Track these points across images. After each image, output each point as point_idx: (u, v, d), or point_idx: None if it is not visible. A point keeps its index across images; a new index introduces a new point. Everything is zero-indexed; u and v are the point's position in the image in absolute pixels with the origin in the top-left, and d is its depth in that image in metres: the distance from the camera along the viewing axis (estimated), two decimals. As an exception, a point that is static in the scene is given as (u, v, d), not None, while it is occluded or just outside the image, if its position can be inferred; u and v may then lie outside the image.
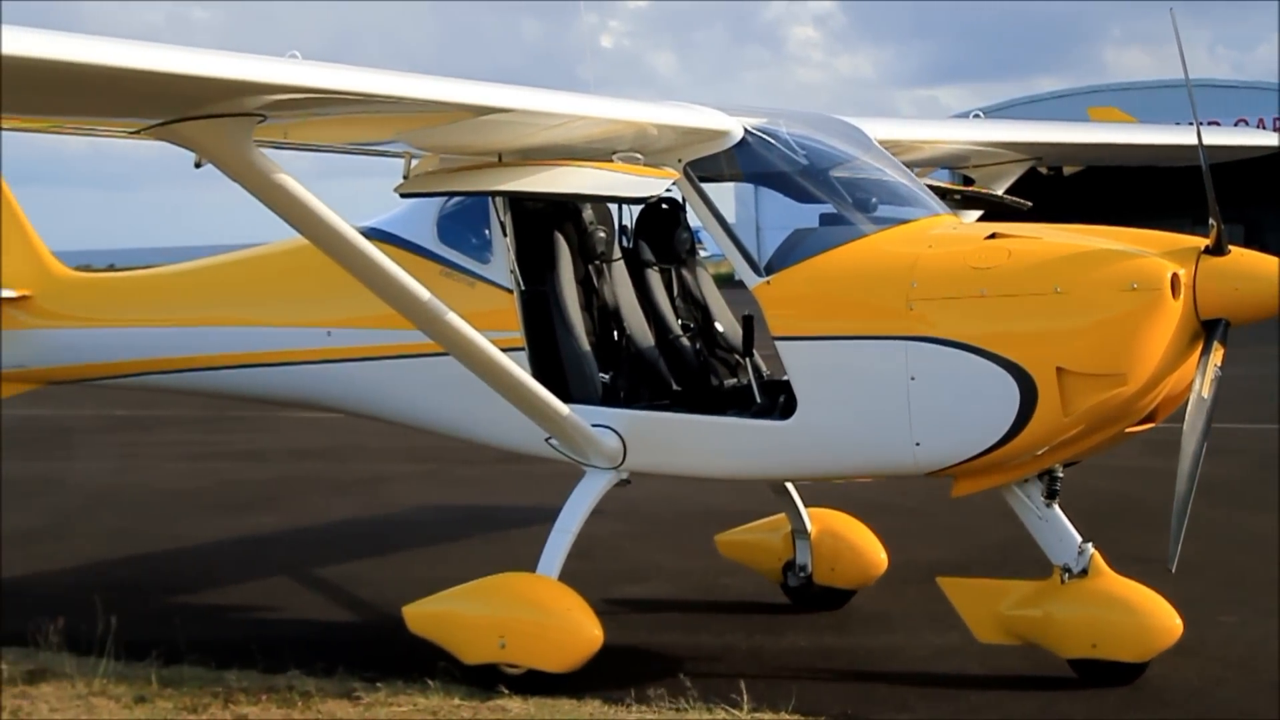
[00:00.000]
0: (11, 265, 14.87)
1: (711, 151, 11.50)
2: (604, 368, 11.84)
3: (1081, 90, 61.04)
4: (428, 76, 9.70)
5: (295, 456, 24.20)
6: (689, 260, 12.83)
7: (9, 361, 14.82)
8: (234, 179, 9.58)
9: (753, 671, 11.25)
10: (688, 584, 14.35)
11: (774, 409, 11.27)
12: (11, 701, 10.96)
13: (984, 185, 14.84)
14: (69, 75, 7.91)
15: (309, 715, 10.51)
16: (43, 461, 24.68)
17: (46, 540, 17.65)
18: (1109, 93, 58.32)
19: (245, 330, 13.38)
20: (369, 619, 13.63)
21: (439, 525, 18.02)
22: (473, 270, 12.10)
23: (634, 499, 13.73)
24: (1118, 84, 66.98)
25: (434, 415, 12.66)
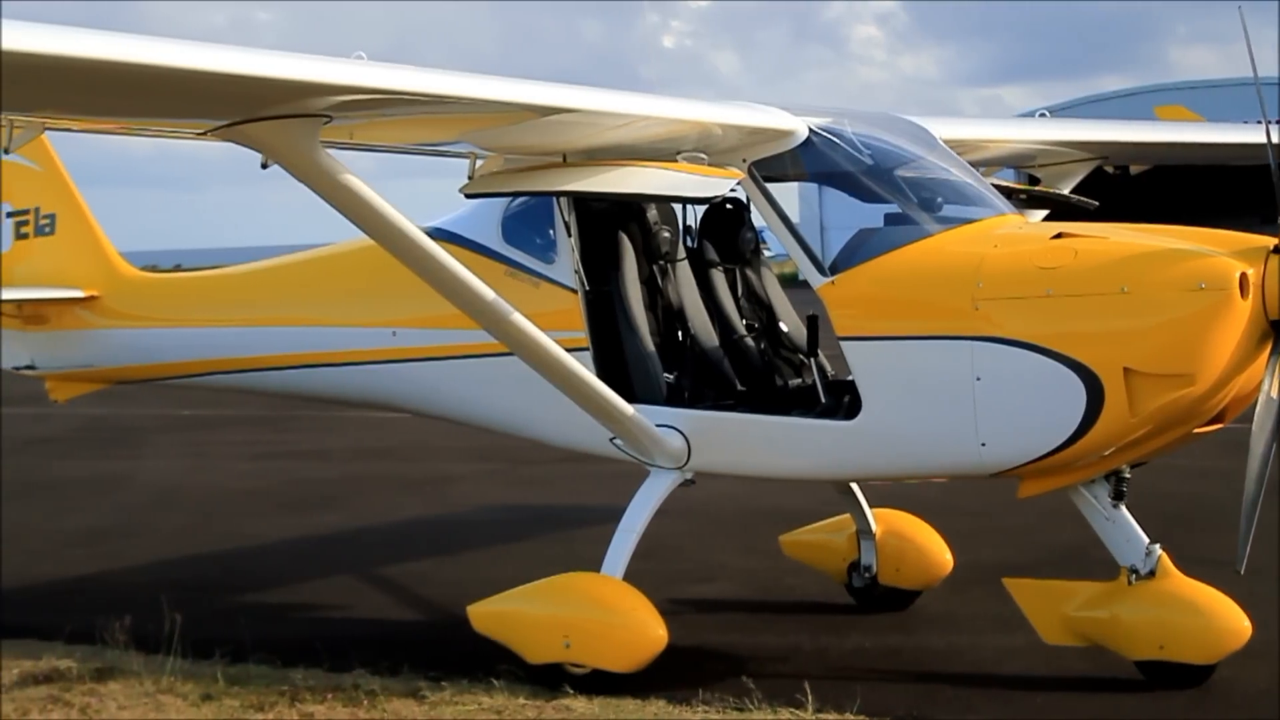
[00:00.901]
0: (80, 266, 15.00)
1: (776, 151, 11.48)
2: (668, 368, 11.84)
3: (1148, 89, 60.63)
4: (493, 77, 9.72)
5: (360, 456, 24.29)
6: (753, 260, 12.81)
7: (77, 361, 14.95)
8: (300, 180, 9.62)
9: (817, 672, 11.22)
10: (752, 584, 14.33)
11: (839, 409, 11.25)
12: (80, 698, 11.04)
13: (1050, 184, 14.75)
14: (138, 77, 7.96)
15: (374, 714, 10.54)
16: (110, 461, 24.85)
17: (114, 539, 17.77)
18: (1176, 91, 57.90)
19: (311, 330, 13.44)
20: (434, 618, 13.66)
21: (504, 525, 18.04)
22: (537, 270, 12.11)
23: (698, 499, 13.71)
24: (1184, 82, 66.55)
25: (499, 415, 12.68)
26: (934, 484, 13.65)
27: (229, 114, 9.14)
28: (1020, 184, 14.26)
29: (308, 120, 9.24)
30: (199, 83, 8.25)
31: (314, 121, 9.28)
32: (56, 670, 11.68)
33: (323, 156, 9.52)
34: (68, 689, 11.24)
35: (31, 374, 15.32)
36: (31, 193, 15.49)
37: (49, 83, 8.07)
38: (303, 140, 9.33)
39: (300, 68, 8.59)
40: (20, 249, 15.52)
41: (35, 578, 15.70)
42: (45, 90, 8.42)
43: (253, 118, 9.11)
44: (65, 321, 14.95)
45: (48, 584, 15.43)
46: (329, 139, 9.79)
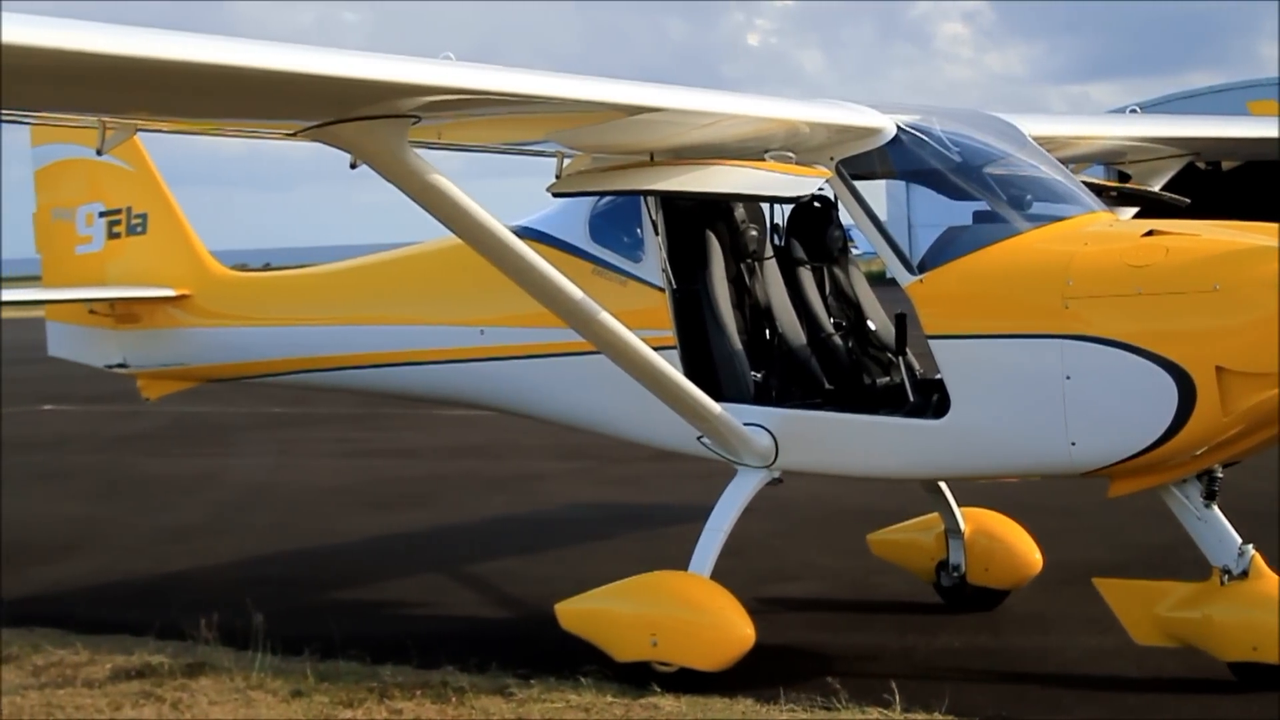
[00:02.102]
0: (172, 265, 15.13)
1: (864, 149, 11.44)
2: (756, 366, 11.82)
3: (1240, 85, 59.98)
4: (580, 77, 9.75)
5: (448, 454, 24.38)
6: (841, 258, 12.77)
7: (169, 360, 15.08)
8: (389, 179, 9.66)
9: (905, 672, 11.18)
10: (840, 583, 14.29)
11: (927, 408, 11.20)
12: (172, 694, 11.13)
13: (1140, 181, 14.63)
14: (231, 79, 8.02)
15: (463, 711, 10.57)
16: (199, 458, 25.07)
17: (204, 536, 17.92)
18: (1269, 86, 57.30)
19: (399, 329, 13.50)
20: (521, 616, 13.69)
21: (591, 523, 18.07)
22: (625, 269, 12.12)
23: (786, 498, 13.67)
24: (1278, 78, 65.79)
25: (586, 413, 12.69)
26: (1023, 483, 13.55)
27: (319, 115, 9.19)
28: (1110, 181, 14.15)
29: (396, 120, 9.27)
30: (290, 84, 8.31)
31: (402, 122, 9.31)
32: (148, 666, 11.79)
33: (411, 156, 9.56)
34: (159, 684, 11.35)
35: (123, 372, 15.47)
36: (124, 192, 15.64)
37: (144, 85, 8.14)
38: (391, 140, 9.37)
39: (390, 69, 8.64)
40: (113, 248, 15.67)
41: (127, 574, 15.87)
42: (140, 92, 8.50)
43: (342, 118, 9.16)
44: (157, 320, 15.08)
45: (139, 580, 15.58)
46: (417, 139, 9.83)
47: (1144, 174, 14.81)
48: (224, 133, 10.76)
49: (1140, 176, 14.80)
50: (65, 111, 10.16)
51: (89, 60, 7.26)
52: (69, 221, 15.93)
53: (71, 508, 20.33)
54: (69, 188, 15.91)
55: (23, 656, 12.18)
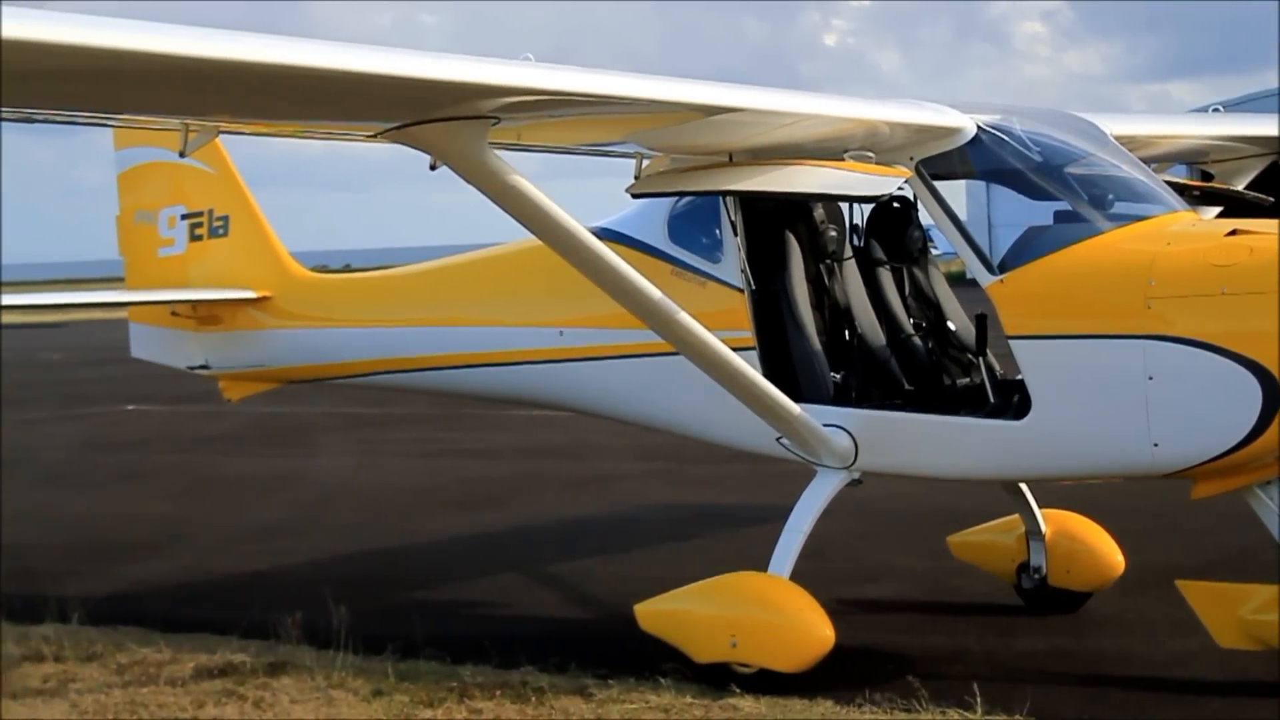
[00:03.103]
0: (253, 266, 15.23)
1: (944, 149, 11.39)
2: (835, 367, 11.79)
3: (1326, 83, 59.44)
4: (659, 77, 9.74)
5: (527, 454, 24.43)
6: (921, 259, 12.73)
7: (250, 361, 15.18)
8: (469, 181, 9.68)
9: (986, 674, 11.12)
10: (920, 584, 14.24)
11: (1008, 409, 11.15)
12: (254, 692, 11.20)
13: (1223, 181, 14.52)
14: (314, 81, 8.06)
15: (542, 711, 10.59)
16: (281, 458, 25.23)
17: (286, 535, 18.03)
18: (1354, 85, 56.74)
19: (479, 330, 13.54)
20: (601, 616, 13.71)
21: (670, 524, 18.07)
22: (704, 270, 12.11)
23: (865, 499, 13.64)
24: (1363, 76, 65.01)
25: (665, 414, 12.69)
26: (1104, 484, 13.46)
27: (400, 116, 9.22)
28: (1193, 180, 14.04)
29: (476, 122, 9.30)
30: (372, 86, 8.35)
31: (482, 123, 9.34)
32: (231, 664, 11.87)
33: (491, 157, 9.58)
34: (241, 683, 11.42)
35: (205, 373, 15.59)
36: (205, 195, 15.76)
37: (228, 87, 8.20)
38: (471, 142, 9.40)
39: (471, 70, 8.66)
40: (195, 250, 15.79)
41: (210, 573, 15.99)
42: (223, 95, 8.56)
43: (423, 120, 9.18)
44: (238, 322, 15.19)
45: (222, 579, 15.70)
46: (496, 140, 9.86)
47: (1227, 173, 14.70)
48: (306, 135, 10.82)
49: (1223, 176, 14.70)
50: (148, 114, 10.24)
51: (173, 63, 7.32)
52: (151, 224, 16.07)
53: (155, 507, 20.50)
54: (152, 190, 16.04)
55: (106, 655, 12.28)
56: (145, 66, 7.34)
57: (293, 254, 15.56)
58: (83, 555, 16.99)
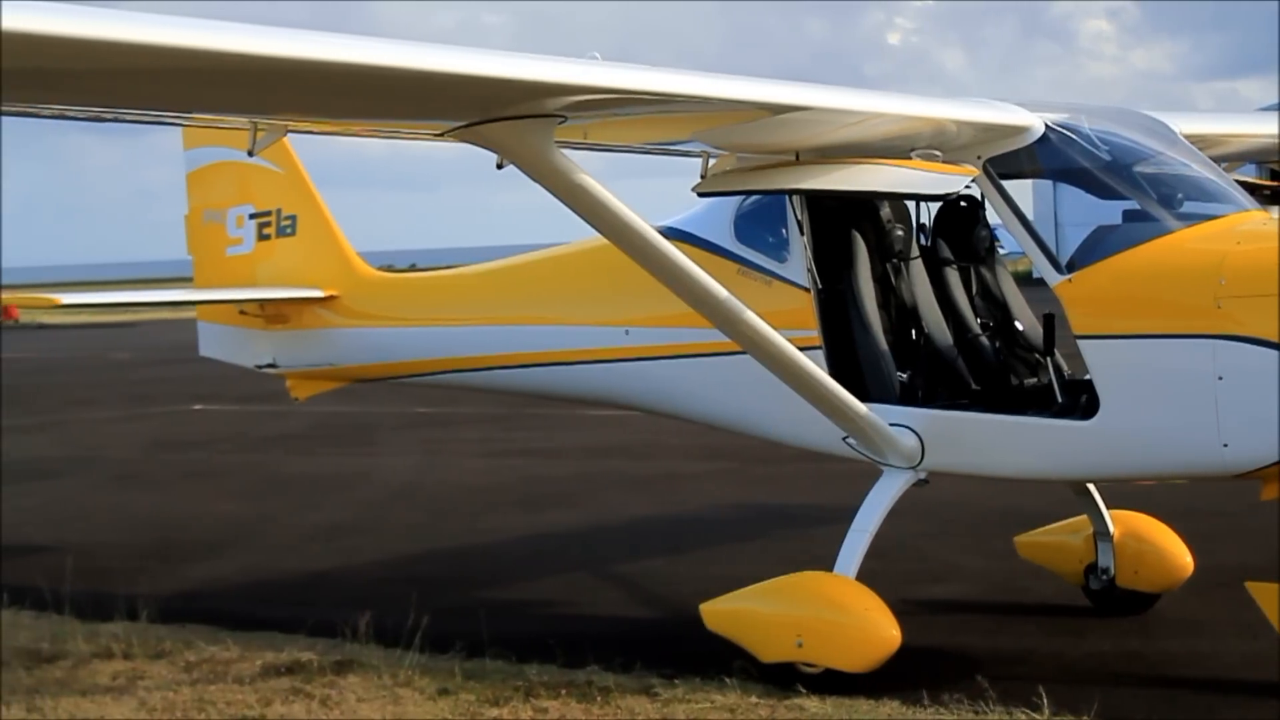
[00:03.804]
0: (320, 266, 15.30)
1: (1012, 148, 11.34)
2: (902, 366, 11.76)
3: (1396, 80, 58.85)
4: (727, 76, 9.73)
5: (593, 454, 24.45)
6: (988, 258, 12.67)
7: (317, 360, 15.25)
8: (535, 179, 9.70)
9: (1053, 675, 11.07)
10: (986, 585, 14.18)
11: (1076, 409, 11.09)
12: (321, 690, 11.25)
13: (1294, 179, 14.42)
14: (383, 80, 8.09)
15: (608, 711, 10.60)
16: (348, 458, 25.32)
17: (353, 534, 18.09)
18: None
19: (544, 329, 13.56)
20: (666, 616, 13.70)
21: (736, 523, 18.05)
22: (770, 269, 12.10)
23: (932, 499, 13.58)
24: None
25: (731, 413, 12.68)
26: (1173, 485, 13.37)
27: (467, 115, 9.24)
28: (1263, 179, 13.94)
29: (543, 120, 9.31)
30: (440, 85, 8.37)
31: (549, 122, 9.35)
32: (298, 662, 11.93)
33: (557, 156, 9.59)
34: (308, 681, 11.47)
35: (273, 372, 15.67)
36: (274, 194, 15.84)
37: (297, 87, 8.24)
38: (538, 140, 9.41)
39: (538, 69, 8.67)
40: (263, 249, 15.87)
41: (277, 572, 16.06)
42: (292, 94, 8.60)
43: (489, 118, 9.19)
44: (305, 321, 15.26)
45: (289, 578, 15.77)
46: (563, 139, 9.87)
47: (1298, 171, 14.59)
48: (373, 134, 10.87)
49: (1294, 174, 14.59)
50: (217, 113, 10.30)
51: (243, 62, 7.36)
52: (220, 223, 16.17)
53: (222, 506, 20.62)
54: (220, 190, 16.14)
55: (175, 652, 12.36)
56: (215, 66, 7.38)
57: (359, 253, 15.62)
58: (151, 554, 17.09)
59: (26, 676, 11.91)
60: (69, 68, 7.21)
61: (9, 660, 12.32)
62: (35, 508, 20.77)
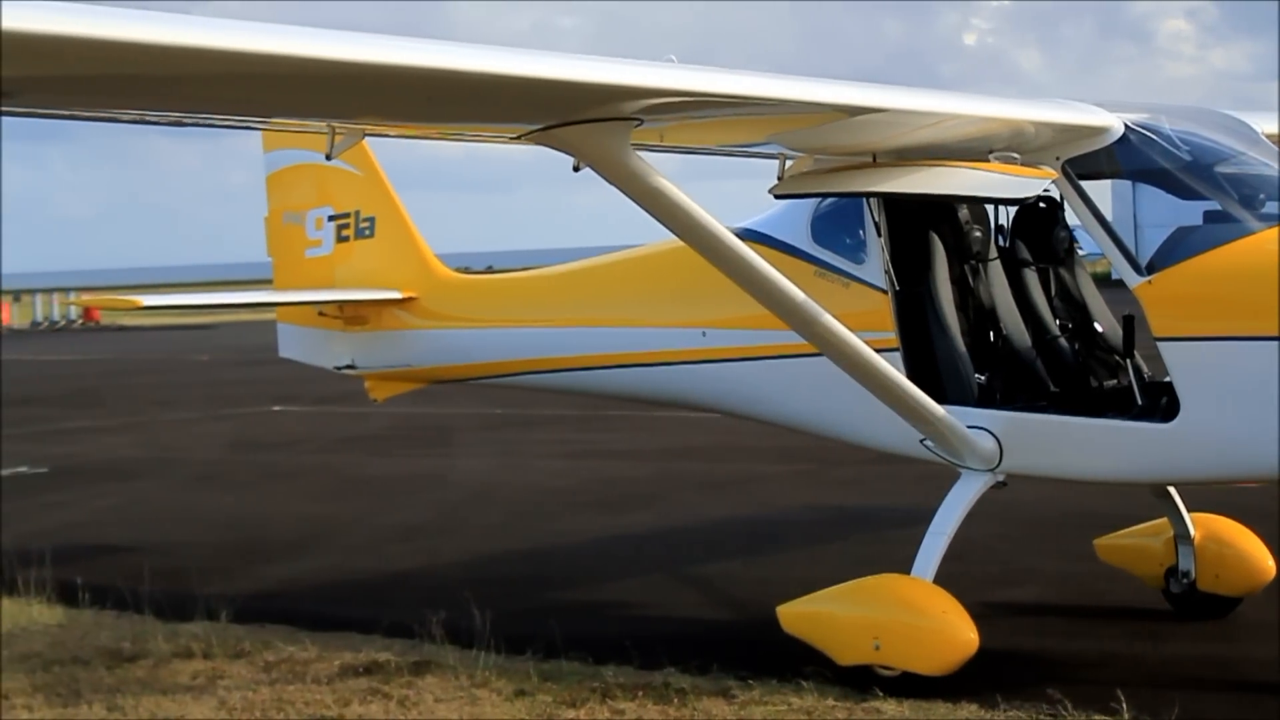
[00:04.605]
0: (399, 267, 15.37)
1: (1091, 149, 11.28)
2: (979, 369, 11.71)
3: None
4: (803, 78, 9.71)
5: (670, 455, 24.45)
6: (1067, 259, 12.60)
7: (396, 361, 15.32)
8: (612, 182, 9.70)
9: (1133, 680, 10.99)
10: (1065, 589, 14.09)
11: (1156, 411, 11.01)
12: (398, 691, 11.29)
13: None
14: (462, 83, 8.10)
15: (684, 712, 10.60)
16: (425, 459, 25.41)
17: (430, 535, 18.16)
18: None
19: (621, 330, 13.57)
20: (743, 617, 13.68)
21: (813, 525, 18.02)
22: (847, 271, 12.07)
23: (1010, 501, 13.52)
24: None
25: (808, 416, 12.66)
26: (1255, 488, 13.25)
27: (545, 118, 9.25)
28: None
29: (620, 124, 9.31)
30: (518, 88, 8.38)
31: (626, 125, 9.35)
32: (375, 663, 11.98)
33: (634, 159, 9.59)
34: (386, 681, 11.52)
35: (352, 373, 15.75)
36: (352, 196, 15.92)
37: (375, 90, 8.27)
38: (614, 143, 9.41)
39: (616, 72, 8.67)
40: (341, 251, 15.96)
41: (354, 572, 16.13)
42: (370, 97, 8.63)
43: (567, 121, 9.20)
44: (384, 322, 15.33)
45: (367, 578, 15.83)
46: (639, 141, 9.87)
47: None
48: (450, 137, 10.90)
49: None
50: (297, 117, 10.35)
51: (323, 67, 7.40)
52: (299, 225, 16.27)
53: (300, 507, 20.72)
54: (299, 192, 16.24)
55: (254, 652, 12.44)
56: (294, 71, 7.42)
57: (437, 255, 15.68)
58: (230, 554, 17.20)
59: (108, 676, 12.01)
60: (152, 73, 7.27)
61: (91, 659, 12.43)
62: (116, 508, 20.95)
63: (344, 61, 7.38)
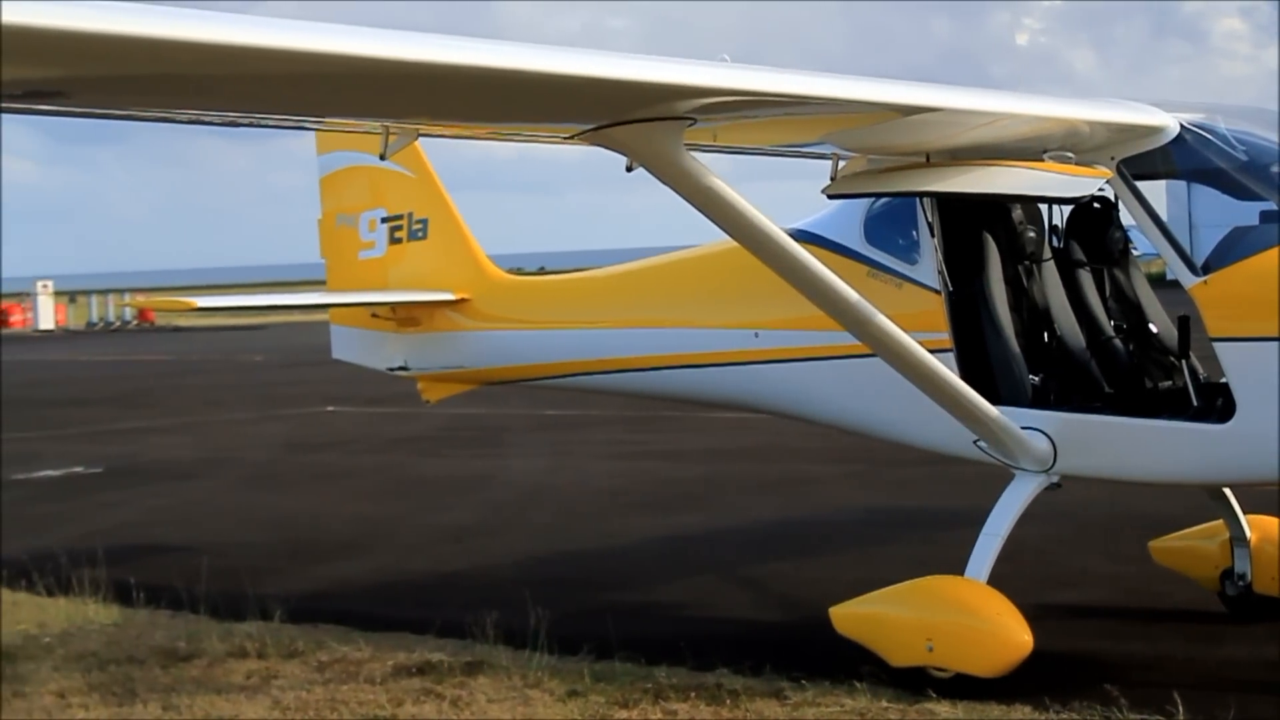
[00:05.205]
0: (451, 269, 15.40)
1: (1146, 148, 11.23)
2: (1033, 369, 11.66)
3: None
4: (857, 77, 9.69)
5: (722, 456, 24.44)
6: (1121, 260, 12.54)
7: (448, 362, 15.35)
8: (665, 182, 9.69)
9: (1188, 682, 10.90)
10: (1120, 590, 14.02)
11: (1212, 412, 10.96)
12: (451, 691, 11.31)
13: None
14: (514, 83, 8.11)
15: (737, 714, 10.58)
16: (477, 459, 25.45)
17: (481, 535, 18.19)
18: None
19: (673, 331, 13.57)
20: (795, 619, 13.65)
21: (864, 526, 17.99)
22: (900, 271, 12.04)
23: (1064, 503, 13.46)
24: None
25: (860, 417, 12.64)
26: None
27: (597, 118, 9.25)
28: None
29: (672, 123, 9.30)
30: (572, 88, 8.38)
31: (678, 124, 9.34)
32: (428, 663, 11.99)
33: (686, 159, 9.57)
34: (439, 682, 11.53)
35: (404, 375, 15.79)
36: (405, 198, 15.97)
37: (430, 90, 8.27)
38: (667, 143, 9.40)
39: (669, 71, 8.66)
40: (394, 253, 16.00)
41: (407, 572, 16.16)
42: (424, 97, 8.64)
43: (620, 121, 9.19)
44: (436, 323, 15.36)
45: (419, 579, 15.86)
46: (692, 141, 9.86)
47: None
48: (503, 137, 10.91)
49: None
50: (351, 117, 10.39)
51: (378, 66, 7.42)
52: (352, 227, 16.32)
53: (353, 507, 20.78)
54: (352, 194, 16.29)
55: (307, 652, 12.47)
56: (350, 70, 7.44)
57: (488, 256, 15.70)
58: (284, 554, 17.27)
59: (163, 675, 12.06)
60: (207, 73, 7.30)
61: (146, 659, 12.49)
62: (171, 508, 21.06)
63: (400, 61, 7.40)
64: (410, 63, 7.45)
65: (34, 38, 6.15)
